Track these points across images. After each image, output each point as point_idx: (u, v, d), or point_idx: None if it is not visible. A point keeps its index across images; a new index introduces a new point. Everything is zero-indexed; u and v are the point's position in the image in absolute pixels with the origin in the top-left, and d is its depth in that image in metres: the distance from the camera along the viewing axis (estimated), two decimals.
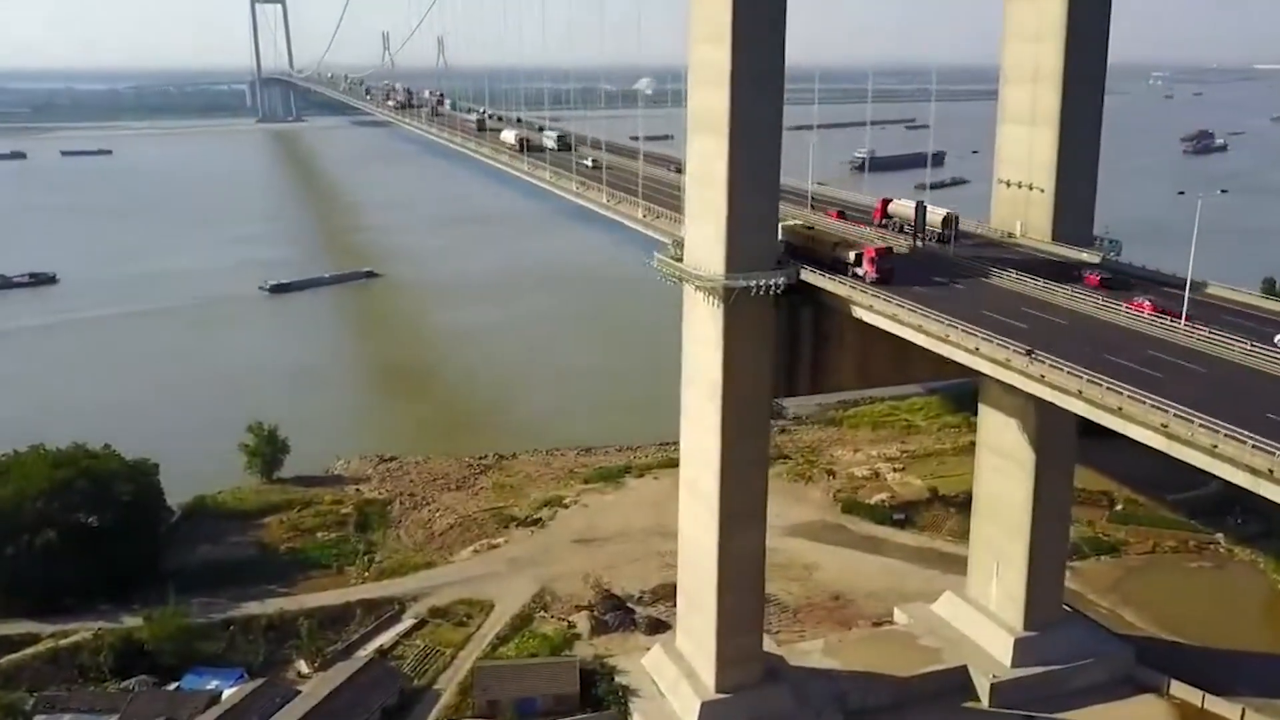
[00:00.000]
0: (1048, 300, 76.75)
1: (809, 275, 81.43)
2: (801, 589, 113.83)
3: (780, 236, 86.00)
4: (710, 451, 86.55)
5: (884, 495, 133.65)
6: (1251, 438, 51.33)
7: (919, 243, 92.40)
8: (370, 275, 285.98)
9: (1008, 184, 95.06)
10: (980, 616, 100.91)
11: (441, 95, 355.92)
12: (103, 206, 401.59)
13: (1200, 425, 53.55)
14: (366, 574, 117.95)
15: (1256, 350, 63.43)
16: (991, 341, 66.52)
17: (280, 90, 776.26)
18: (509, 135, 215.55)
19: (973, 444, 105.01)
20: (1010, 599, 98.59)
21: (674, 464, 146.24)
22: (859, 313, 76.92)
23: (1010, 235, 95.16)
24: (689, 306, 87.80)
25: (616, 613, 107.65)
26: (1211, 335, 66.12)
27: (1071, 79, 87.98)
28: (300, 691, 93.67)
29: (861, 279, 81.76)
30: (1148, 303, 74.05)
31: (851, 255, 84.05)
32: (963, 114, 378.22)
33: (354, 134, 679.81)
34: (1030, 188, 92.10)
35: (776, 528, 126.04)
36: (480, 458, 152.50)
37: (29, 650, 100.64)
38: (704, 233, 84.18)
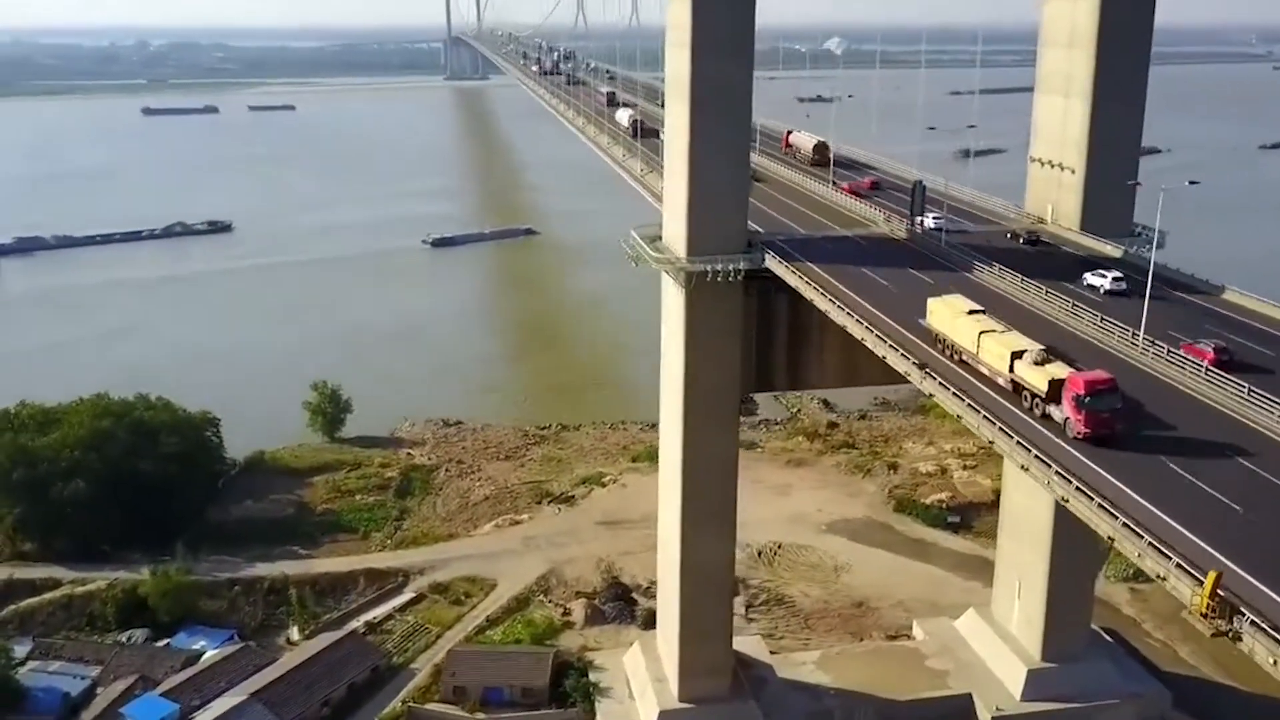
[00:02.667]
0: (1036, 310, 66.69)
1: (772, 262, 73.96)
2: (823, 592, 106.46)
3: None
4: (673, 449, 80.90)
5: (943, 495, 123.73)
6: None
7: (917, 228, 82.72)
8: (529, 233, 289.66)
9: (1041, 163, 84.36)
10: (998, 640, 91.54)
11: (565, 55, 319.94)
12: (280, 159, 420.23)
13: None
14: (388, 542, 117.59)
15: None
16: (897, 351, 58.28)
17: (469, 48, 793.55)
18: (623, 116, 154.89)
19: None
20: (1029, 623, 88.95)
21: None
22: (823, 306, 68.89)
23: (1041, 221, 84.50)
24: (663, 291, 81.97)
25: (616, 603, 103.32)
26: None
27: (1107, 42, 76.55)
28: (276, 659, 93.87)
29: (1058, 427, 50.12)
30: (1210, 351, 54.53)
31: (1038, 378, 50.89)
32: None
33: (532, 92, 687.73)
34: (1061, 168, 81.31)
35: (816, 523, 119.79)
36: (543, 428, 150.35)
37: (47, 595, 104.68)
38: (672, 212, 78.12)
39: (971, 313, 58.33)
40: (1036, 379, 50.59)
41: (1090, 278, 69.18)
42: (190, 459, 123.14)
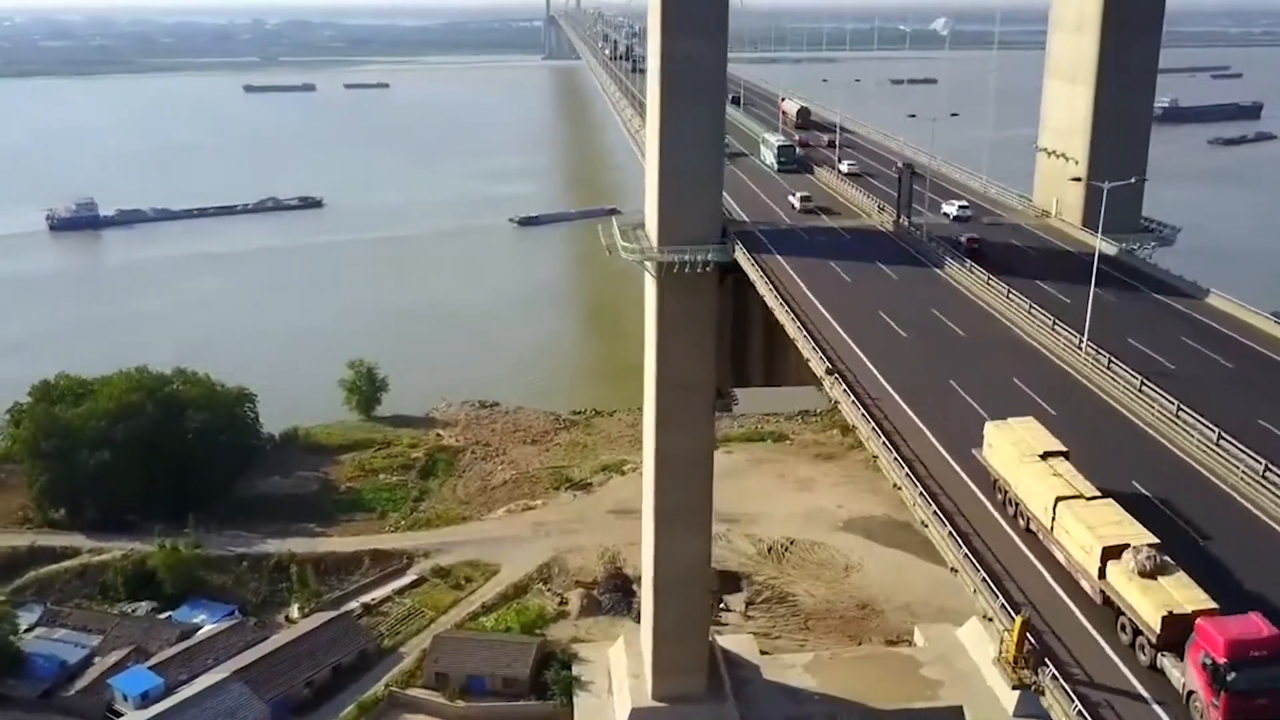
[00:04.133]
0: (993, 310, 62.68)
1: (740, 254, 71.23)
2: (828, 592, 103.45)
3: None
4: (647, 445, 78.94)
5: None
6: None
7: (905, 220, 78.82)
8: (613, 212, 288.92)
9: (1048, 153, 79.73)
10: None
11: (635, 34, 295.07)
12: (372, 137, 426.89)
13: None
14: (402, 522, 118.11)
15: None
16: (818, 354, 55.20)
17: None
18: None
19: None
20: None
21: (759, 438, 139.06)
22: (771, 303, 65.99)
23: (1045, 214, 79.94)
24: (646, 281, 79.76)
25: (614, 594, 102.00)
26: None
27: (1113, 24, 71.75)
28: (269, 637, 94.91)
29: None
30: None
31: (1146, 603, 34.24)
32: None
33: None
34: (1065, 158, 76.66)
35: (833, 520, 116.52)
36: (577, 412, 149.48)
37: (65, 563, 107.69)
38: (649, 200, 75.80)
39: (1047, 455, 39.60)
40: (1143, 604, 31.90)
41: (945, 206, 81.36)
42: (218, 434, 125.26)
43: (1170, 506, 38.44)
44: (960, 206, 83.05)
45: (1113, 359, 49.12)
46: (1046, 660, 29.94)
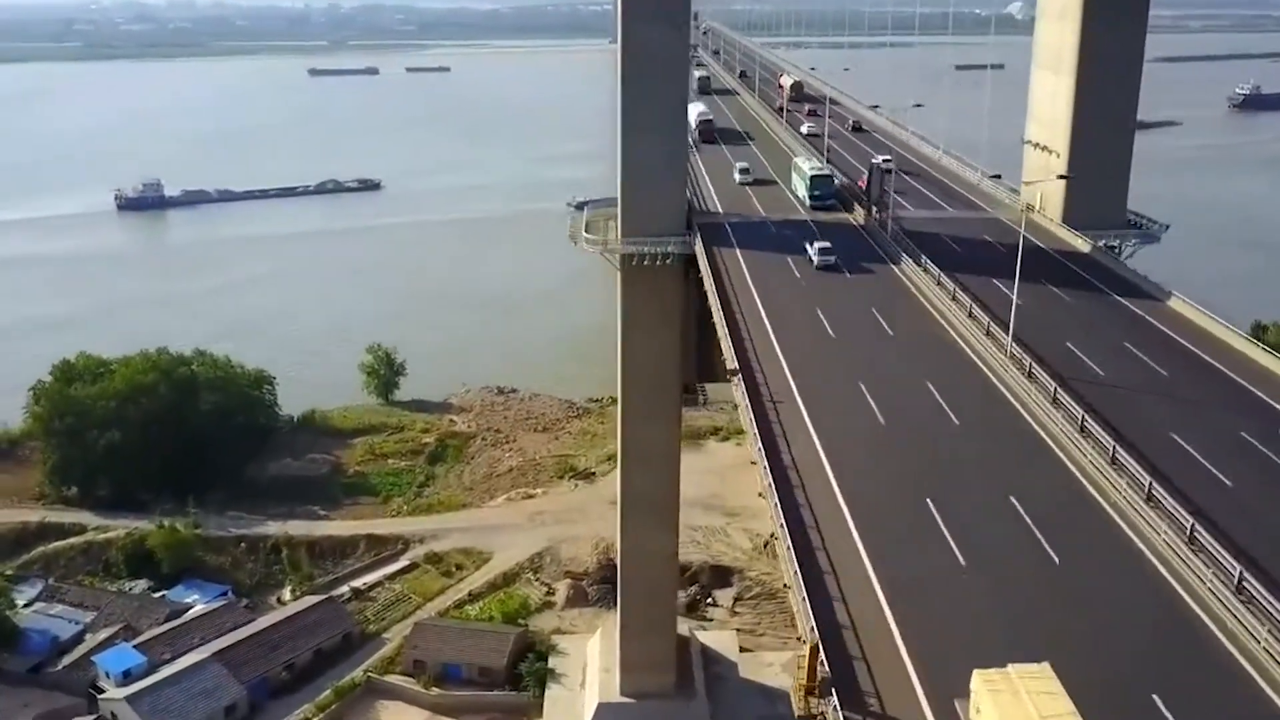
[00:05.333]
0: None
1: (698, 248, 69.83)
2: None
3: None
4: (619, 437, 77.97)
5: None
6: None
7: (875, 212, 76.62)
8: None
9: (1034, 146, 76.95)
10: None
11: None
12: (432, 120, 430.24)
13: None
14: (404, 508, 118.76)
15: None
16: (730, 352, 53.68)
17: None
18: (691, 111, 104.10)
19: None
20: None
21: None
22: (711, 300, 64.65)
23: (1029, 209, 77.11)
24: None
25: (603, 585, 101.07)
26: None
27: (1094, 11, 68.82)
28: (256, 619, 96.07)
29: None
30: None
31: None
32: None
33: None
34: (1048, 151, 73.91)
35: None
36: (595, 400, 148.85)
37: (71, 540, 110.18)
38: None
39: None
40: None
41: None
42: (232, 415, 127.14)
43: (1042, 528, 36.62)
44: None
45: (1034, 365, 47.01)
46: (834, 690, 28.55)
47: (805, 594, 32.35)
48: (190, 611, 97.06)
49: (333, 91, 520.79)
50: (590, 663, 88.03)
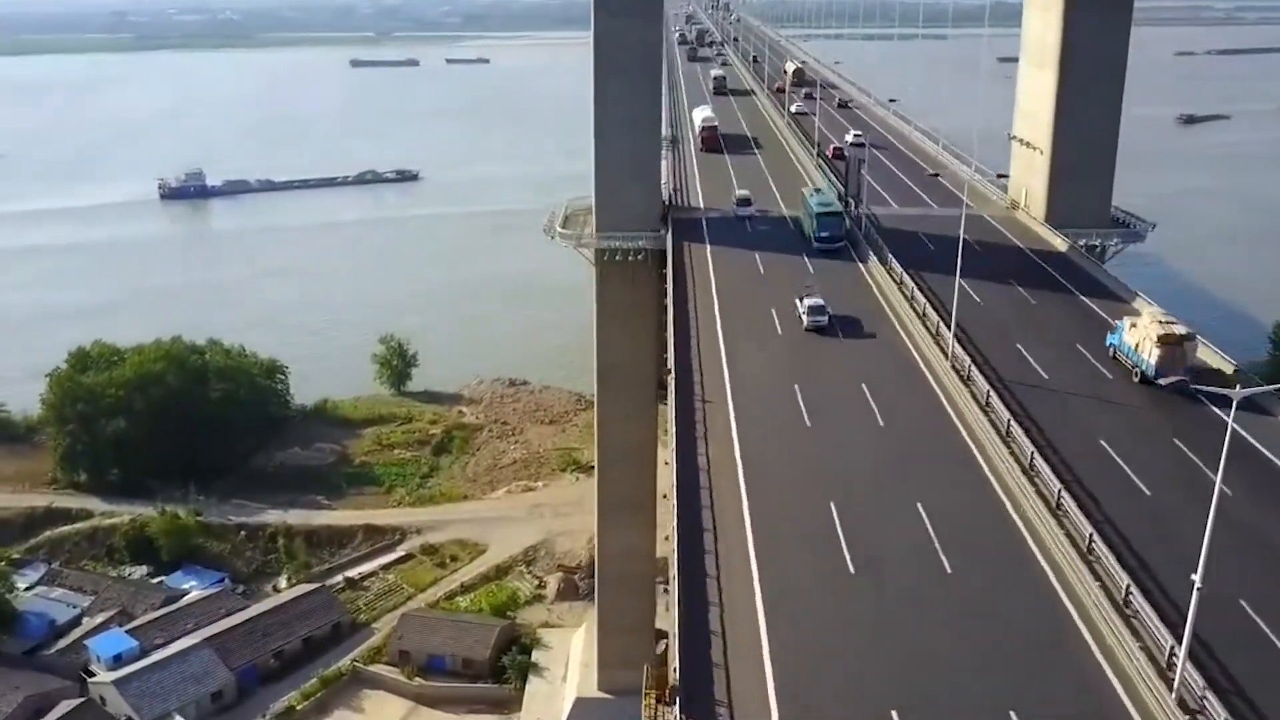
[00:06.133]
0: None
1: (668, 244, 69.31)
2: None
3: None
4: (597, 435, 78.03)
5: None
6: None
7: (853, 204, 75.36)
8: None
9: (1020, 142, 75.50)
10: None
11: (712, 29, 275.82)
12: (472, 111, 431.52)
13: None
14: (406, 498, 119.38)
15: None
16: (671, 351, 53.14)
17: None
18: (698, 115, 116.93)
19: None
20: None
21: None
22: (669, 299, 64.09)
23: (1014, 206, 75.84)
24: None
25: (594, 579, 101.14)
26: None
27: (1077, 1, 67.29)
28: (249, 606, 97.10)
29: None
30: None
31: None
32: None
33: None
34: (1031, 147, 72.50)
35: None
36: None
37: (77, 525, 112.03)
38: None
39: None
40: None
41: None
42: (241, 404, 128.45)
43: (943, 537, 35.86)
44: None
45: (973, 368, 46.07)
46: (678, 697, 28.11)
47: (677, 598, 31.92)
48: (185, 598, 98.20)
49: (373, 83, 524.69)
50: (573, 657, 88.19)
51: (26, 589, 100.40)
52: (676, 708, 27.75)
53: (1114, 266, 69.19)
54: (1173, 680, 28.61)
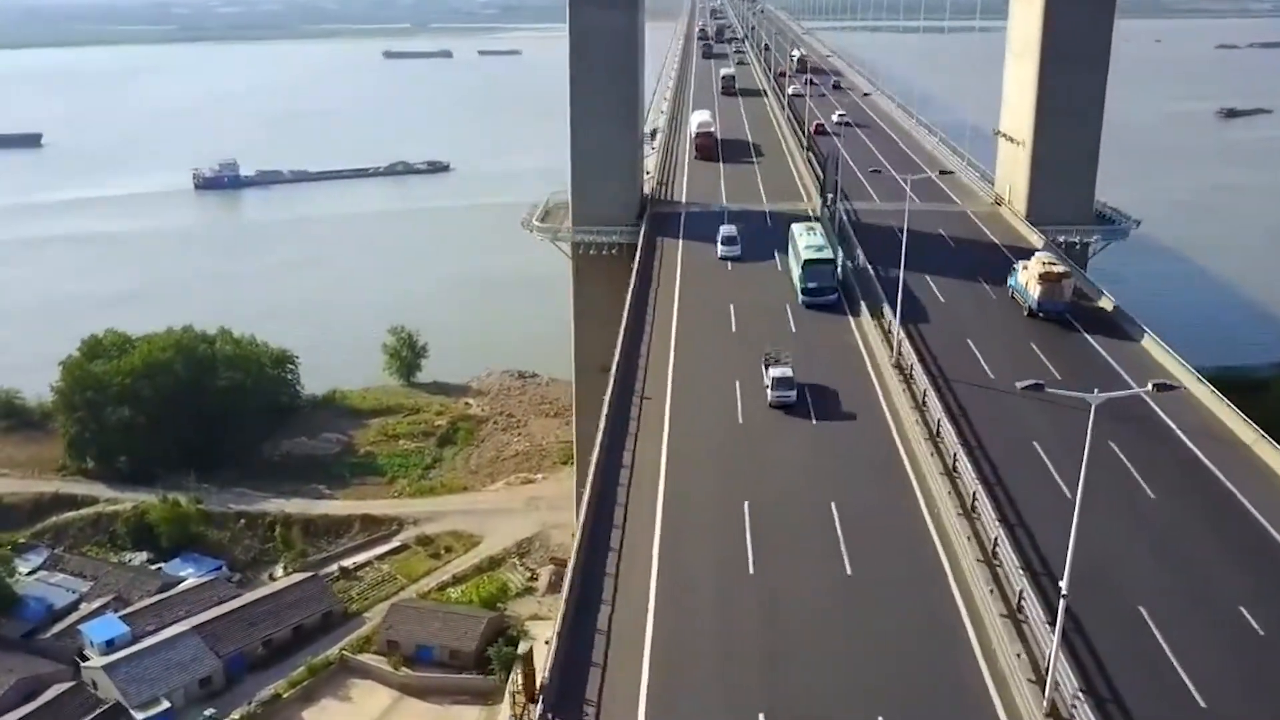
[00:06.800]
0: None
1: (642, 239, 68.99)
2: None
3: None
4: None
5: None
6: None
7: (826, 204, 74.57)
8: None
9: (1005, 137, 74.41)
10: None
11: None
12: (504, 102, 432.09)
13: None
14: (407, 489, 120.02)
15: None
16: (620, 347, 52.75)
17: None
18: (694, 120, 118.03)
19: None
20: None
21: None
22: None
23: (998, 202, 74.76)
24: None
25: None
26: None
27: None
28: (242, 593, 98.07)
29: None
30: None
31: None
32: None
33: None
34: (1013, 141, 71.41)
35: None
36: None
37: (82, 511, 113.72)
38: None
39: None
40: None
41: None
42: (249, 394, 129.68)
43: (851, 538, 35.35)
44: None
45: (915, 366, 45.40)
46: (540, 698, 27.91)
47: (565, 595, 31.70)
48: (180, 585, 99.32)
49: (406, 74, 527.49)
50: None
51: (29, 573, 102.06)
52: (539, 706, 27.63)
53: (1146, 261, 68.70)
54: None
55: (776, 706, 28.55)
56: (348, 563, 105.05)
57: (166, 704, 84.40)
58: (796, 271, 61.68)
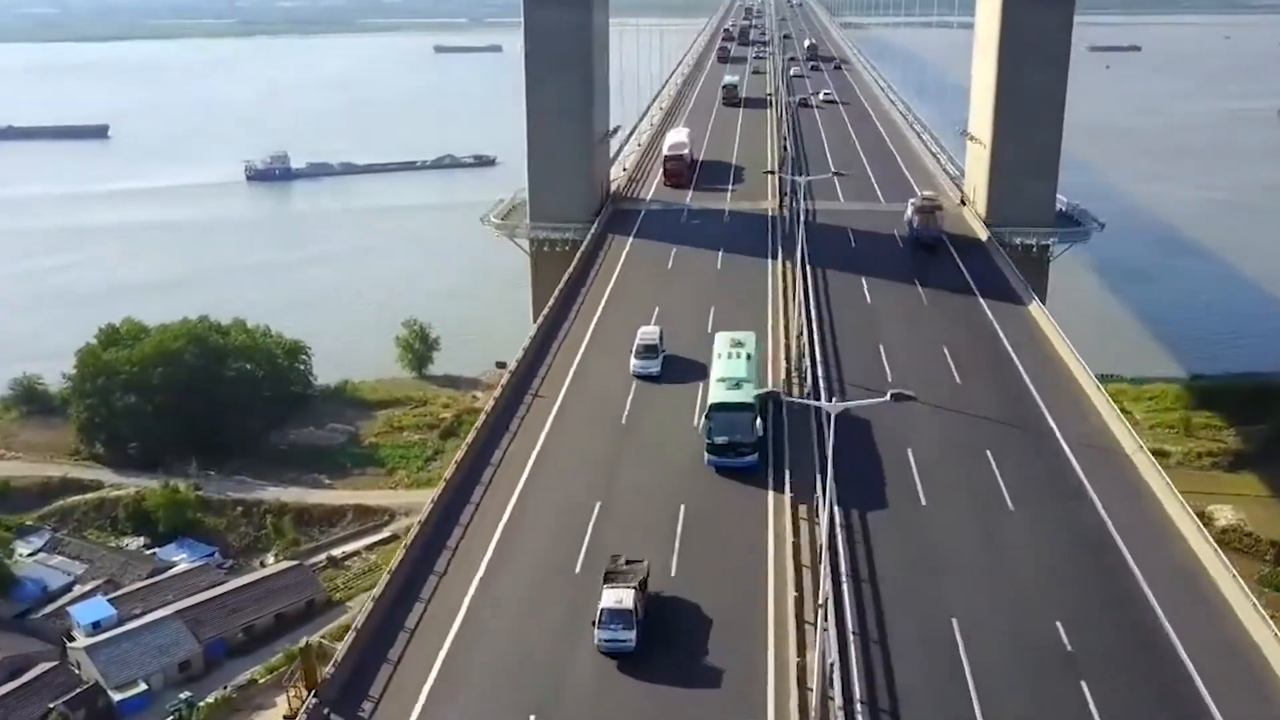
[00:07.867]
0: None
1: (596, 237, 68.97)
2: None
3: None
4: None
5: None
6: None
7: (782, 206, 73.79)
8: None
9: (970, 137, 73.21)
10: None
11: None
12: None
13: None
14: (406, 480, 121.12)
15: None
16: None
17: None
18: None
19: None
20: None
21: None
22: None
23: (962, 203, 73.56)
24: None
25: None
26: None
27: None
28: (229, 580, 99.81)
29: None
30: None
31: None
32: None
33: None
34: (978, 141, 70.22)
35: None
36: None
37: (87, 495, 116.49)
38: None
39: None
40: None
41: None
42: (259, 384, 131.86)
43: (687, 541, 35.07)
44: None
45: (809, 370, 44.94)
46: (317, 692, 28.08)
47: (378, 594, 31.87)
48: (171, 570, 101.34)
49: (456, 67, 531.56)
50: None
51: (29, 555, 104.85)
52: (311, 695, 27.88)
53: (1188, 260, 67.03)
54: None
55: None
56: (336, 552, 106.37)
57: (144, 685, 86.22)
58: (702, 419, 46.75)
